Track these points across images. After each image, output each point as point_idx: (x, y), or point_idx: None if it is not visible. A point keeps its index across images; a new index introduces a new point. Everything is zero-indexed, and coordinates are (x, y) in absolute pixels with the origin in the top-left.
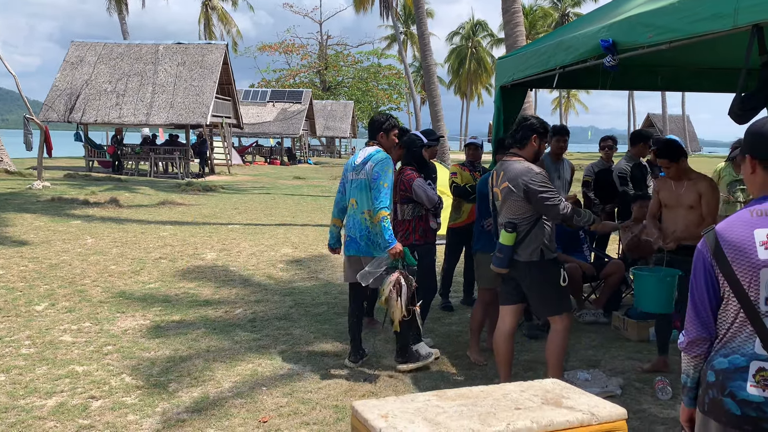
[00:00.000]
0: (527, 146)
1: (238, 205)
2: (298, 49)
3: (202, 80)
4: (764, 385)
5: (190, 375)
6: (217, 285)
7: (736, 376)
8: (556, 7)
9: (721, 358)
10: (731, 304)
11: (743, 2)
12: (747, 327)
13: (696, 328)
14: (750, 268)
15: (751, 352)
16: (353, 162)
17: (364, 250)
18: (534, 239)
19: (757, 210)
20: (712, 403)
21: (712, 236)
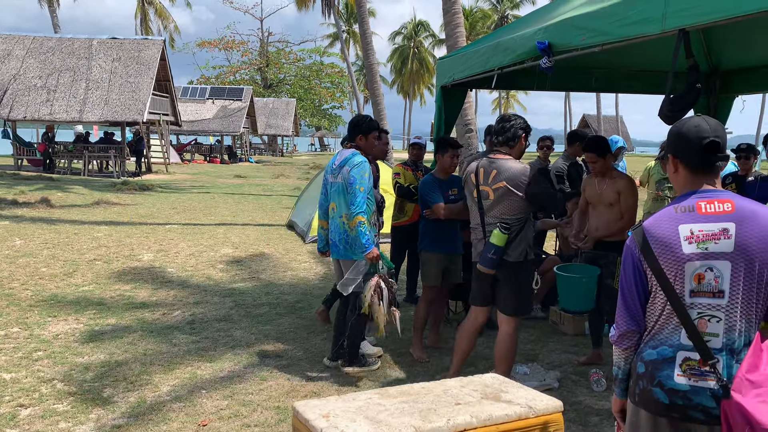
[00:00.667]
0: (517, 146)
1: (177, 204)
2: (238, 45)
3: (139, 76)
4: (690, 374)
5: (126, 380)
6: (154, 287)
7: (664, 366)
8: (496, 9)
9: (650, 349)
10: (658, 297)
11: (671, 7)
12: (673, 319)
13: (626, 322)
14: (675, 262)
15: (677, 342)
16: (332, 164)
17: (343, 253)
18: (522, 240)
19: (681, 207)
20: (642, 394)
21: (640, 232)
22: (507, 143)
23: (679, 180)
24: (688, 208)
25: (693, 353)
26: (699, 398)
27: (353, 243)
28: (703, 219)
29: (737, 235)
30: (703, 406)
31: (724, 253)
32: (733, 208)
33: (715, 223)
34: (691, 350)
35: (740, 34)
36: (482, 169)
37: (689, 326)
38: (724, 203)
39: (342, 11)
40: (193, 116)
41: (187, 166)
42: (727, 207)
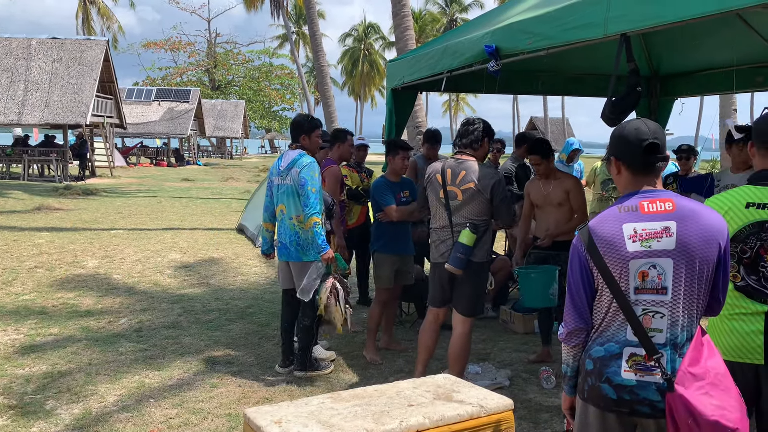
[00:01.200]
0: (480, 148)
1: (122, 209)
2: (185, 46)
3: (81, 78)
4: (636, 369)
5: (70, 391)
6: (99, 294)
7: (612, 362)
8: (445, 12)
9: (598, 346)
10: (605, 294)
11: (612, 13)
12: (619, 315)
13: (574, 320)
14: (620, 260)
15: (623, 339)
16: (278, 166)
17: (294, 255)
18: (487, 240)
19: (624, 206)
20: (591, 390)
21: (586, 232)
22: (471, 145)
23: (622, 181)
24: (632, 207)
25: (639, 349)
26: (645, 392)
27: (305, 245)
28: (646, 218)
29: (678, 234)
30: (650, 400)
31: (666, 250)
32: (673, 207)
33: (658, 222)
34: (637, 346)
35: (679, 40)
36: (449, 170)
37: (634, 322)
38: (665, 202)
39: (291, 12)
40: (139, 118)
41: (133, 169)
42: (668, 206)
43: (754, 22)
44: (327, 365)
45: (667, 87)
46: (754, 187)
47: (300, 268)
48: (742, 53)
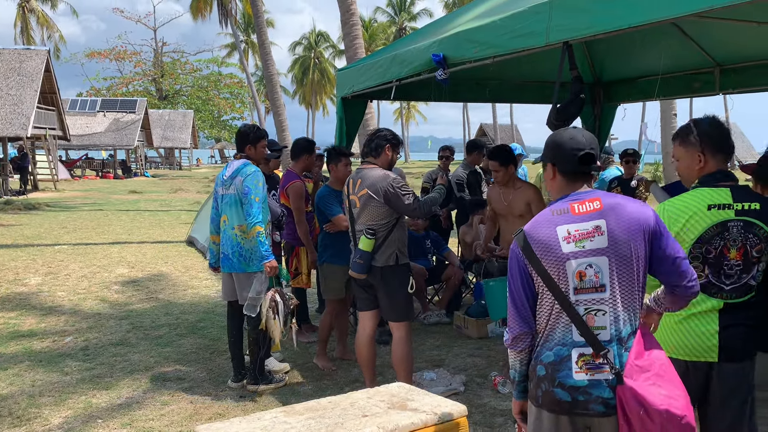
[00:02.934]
0: (382, 155)
1: (66, 223)
2: (130, 56)
3: (21, 89)
4: (586, 369)
5: (12, 414)
6: (42, 312)
7: (562, 365)
8: (394, 21)
9: (547, 351)
10: (546, 297)
11: (554, 22)
12: (563, 317)
13: (518, 324)
14: (557, 262)
15: (570, 340)
16: (222, 176)
17: (237, 266)
18: (391, 244)
19: (556, 209)
20: (544, 396)
21: (522, 236)
22: (371, 153)
23: (556, 185)
24: (563, 210)
25: (586, 348)
26: (598, 391)
27: (248, 255)
28: (578, 219)
29: (608, 231)
30: (603, 398)
31: (600, 249)
32: (600, 205)
33: (588, 221)
34: (584, 346)
35: (620, 48)
36: (351, 180)
37: (578, 322)
38: (593, 202)
39: (240, 21)
40: (83, 130)
41: (78, 182)
42: (596, 205)
43: (690, 31)
44: (281, 378)
45: (610, 93)
46: (711, 189)
47: (244, 279)
48: (680, 60)
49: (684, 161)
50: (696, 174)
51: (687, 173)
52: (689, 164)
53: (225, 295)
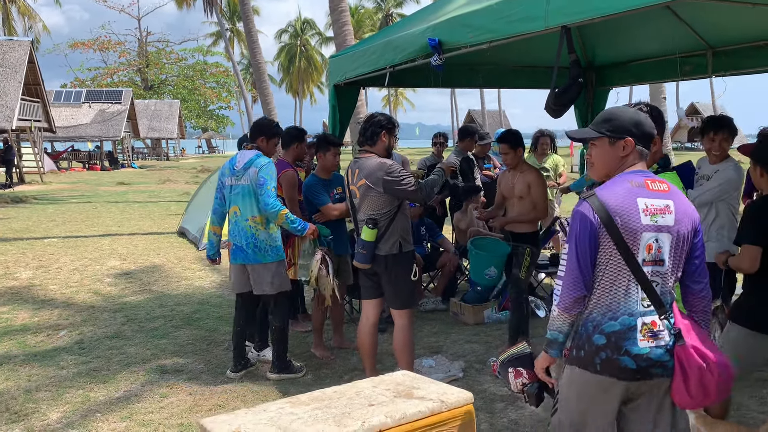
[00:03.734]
0: (378, 143)
1: (55, 216)
2: (114, 46)
3: (5, 80)
4: (649, 337)
5: (9, 410)
6: (35, 307)
7: (629, 334)
8: (380, 8)
9: (611, 321)
10: (613, 266)
11: (552, 5)
12: (632, 287)
13: (579, 289)
14: (634, 232)
15: (638, 310)
16: (232, 166)
17: (252, 257)
18: (394, 233)
19: (635, 182)
20: (606, 362)
21: (598, 203)
22: (367, 142)
23: (628, 160)
24: (640, 183)
25: (647, 317)
26: (658, 356)
27: (263, 246)
28: (652, 195)
29: (675, 211)
30: (662, 362)
31: (668, 226)
32: (668, 187)
33: (661, 199)
34: (646, 315)
35: (612, 32)
36: (350, 170)
37: (650, 291)
38: (662, 183)
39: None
40: (69, 121)
41: (65, 174)
42: (665, 186)
43: (683, 13)
44: (301, 368)
45: (602, 77)
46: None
47: (261, 270)
48: (672, 43)
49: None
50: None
51: None
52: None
53: (236, 287)
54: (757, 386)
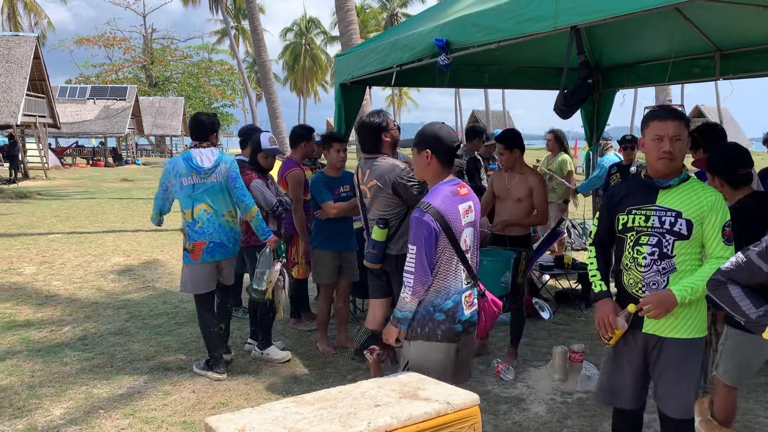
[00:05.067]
0: (383, 146)
1: (59, 212)
2: (120, 42)
3: (10, 76)
4: (469, 306)
5: (13, 406)
6: (38, 302)
7: (458, 307)
8: (385, 7)
9: (446, 300)
10: (446, 258)
11: (562, 5)
12: (460, 272)
13: (427, 278)
14: (459, 231)
15: (461, 288)
16: (195, 166)
17: (232, 251)
18: (404, 233)
19: (452, 191)
20: (446, 332)
21: (436, 211)
22: (372, 151)
23: (432, 169)
24: (454, 192)
25: (466, 292)
26: (473, 317)
27: (240, 239)
28: (461, 200)
29: (474, 210)
30: (473, 322)
31: (472, 221)
32: (467, 190)
33: (466, 202)
34: (466, 290)
35: (619, 34)
36: (360, 170)
37: (470, 270)
38: (464, 187)
39: (230, 7)
40: (73, 117)
41: (69, 170)
42: (466, 190)
43: (691, 15)
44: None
45: (608, 79)
46: None
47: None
48: (680, 45)
49: (684, 141)
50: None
51: (684, 155)
52: (686, 145)
53: (203, 287)
54: (762, 391)
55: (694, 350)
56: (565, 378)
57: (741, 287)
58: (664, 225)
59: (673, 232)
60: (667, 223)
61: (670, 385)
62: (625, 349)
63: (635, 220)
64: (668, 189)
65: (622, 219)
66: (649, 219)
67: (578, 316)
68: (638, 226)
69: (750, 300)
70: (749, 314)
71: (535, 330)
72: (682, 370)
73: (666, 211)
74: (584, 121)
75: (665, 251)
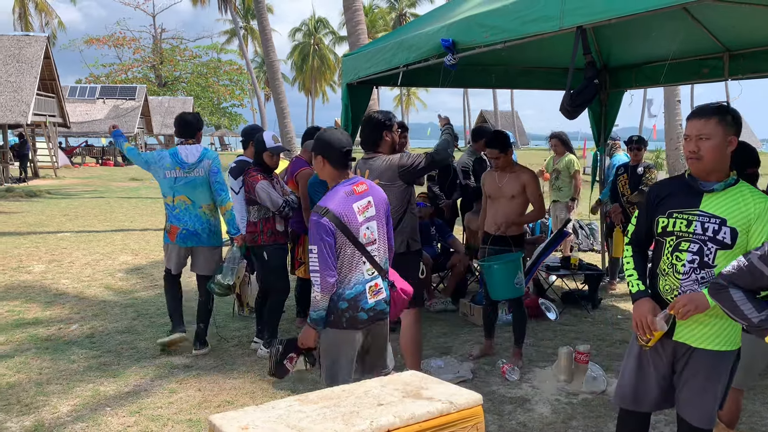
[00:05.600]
0: (382, 144)
1: (68, 210)
2: (129, 42)
3: (20, 75)
4: (373, 295)
5: (20, 402)
6: (47, 300)
7: (361, 297)
8: (394, 7)
9: (348, 290)
10: (346, 253)
11: (567, 5)
12: (360, 264)
13: (332, 273)
14: (357, 229)
15: (363, 279)
16: (180, 161)
17: (206, 241)
18: (402, 232)
19: (346, 191)
20: (350, 320)
21: (331, 214)
22: (371, 148)
23: (326, 172)
24: (349, 191)
25: (371, 282)
26: (379, 306)
27: (216, 231)
28: (360, 197)
29: (374, 204)
30: (381, 310)
31: (372, 216)
32: (367, 187)
33: (365, 198)
34: (371, 280)
35: (627, 33)
36: (359, 170)
37: (375, 264)
38: (362, 185)
39: (239, 7)
40: (83, 117)
41: (78, 169)
42: (364, 187)
43: (699, 15)
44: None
45: (616, 79)
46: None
47: (209, 252)
48: (688, 46)
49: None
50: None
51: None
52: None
53: (176, 268)
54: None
55: (724, 362)
56: (571, 379)
57: (743, 291)
58: (706, 232)
59: (716, 240)
60: (710, 230)
61: (696, 393)
62: (652, 356)
63: (676, 224)
64: (713, 193)
65: (662, 222)
66: (691, 224)
67: (585, 317)
68: (679, 230)
69: (752, 304)
70: (751, 318)
71: (541, 330)
72: (711, 380)
73: (710, 218)
74: (592, 121)
75: (706, 260)
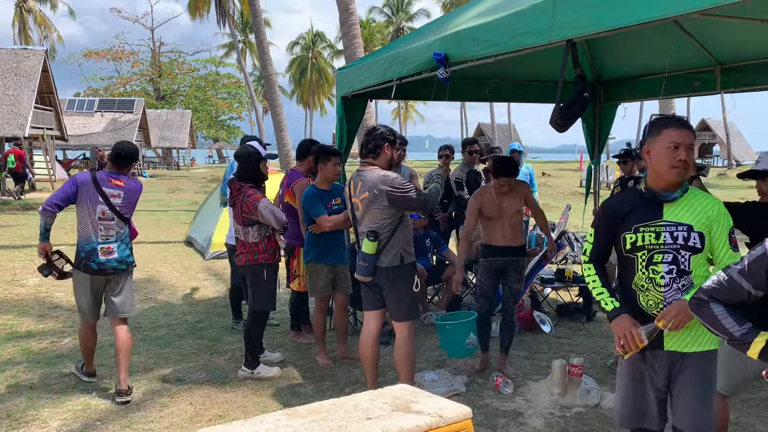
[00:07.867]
0: (381, 155)
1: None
2: (128, 56)
3: (18, 88)
4: (106, 254)
5: (11, 417)
6: (40, 313)
7: (94, 252)
8: (391, 21)
9: (86, 246)
10: (83, 218)
11: (557, 19)
12: (92, 232)
13: (56, 209)
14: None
15: (97, 241)
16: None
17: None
18: (395, 245)
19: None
20: (85, 267)
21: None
22: (369, 155)
23: None
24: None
25: (104, 245)
26: (112, 263)
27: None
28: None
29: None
30: (115, 267)
31: (118, 204)
32: (123, 183)
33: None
34: (105, 243)
35: (620, 47)
36: (352, 182)
37: (112, 234)
38: (120, 181)
39: (237, 21)
40: (81, 130)
41: None
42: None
43: (690, 29)
44: (271, 377)
45: (610, 92)
46: None
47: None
48: (681, 59)
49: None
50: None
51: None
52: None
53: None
54: (763, 406)
55: (713, 361)
56: (564, 392)
57: (724, 305)
58: (677, 240)
59: (687, 247)
60: (680, 238)
61: (693, 401)
62: (647, 371)
63: (645, 238)
64: (673, 202)
65: (630, 238)
66: (660, 236)
67: (579, 330)
68: (649, 244)
69: (733, 318)
70: (733, 332)
71: (535, 343)
72: (704, 385)
73: (677, 226)
74: (586, 134)
75: (683, 268)
